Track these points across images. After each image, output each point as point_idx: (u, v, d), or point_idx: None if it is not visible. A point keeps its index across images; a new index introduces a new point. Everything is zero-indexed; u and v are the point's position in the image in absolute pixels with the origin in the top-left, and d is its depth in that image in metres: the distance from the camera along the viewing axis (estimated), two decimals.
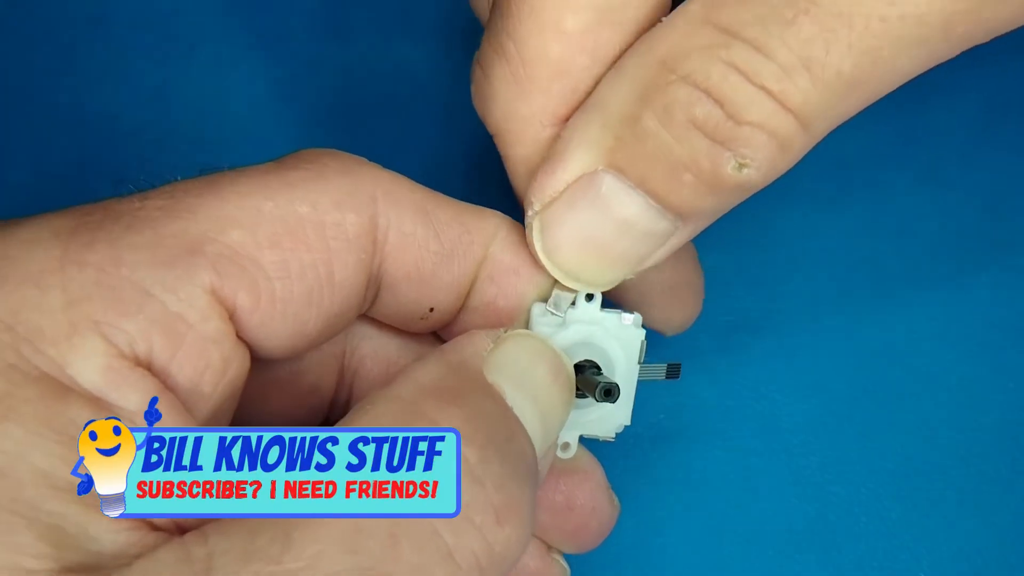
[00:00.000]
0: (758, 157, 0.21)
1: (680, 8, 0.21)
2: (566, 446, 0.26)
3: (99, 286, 0.19)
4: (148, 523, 0.18)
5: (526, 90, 0.22)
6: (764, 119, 0.21)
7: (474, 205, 0.25)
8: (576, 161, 0.22)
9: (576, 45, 0.21)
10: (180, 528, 0.19)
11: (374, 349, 0.27)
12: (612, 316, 0.25)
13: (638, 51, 0.22)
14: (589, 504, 0.27)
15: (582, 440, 0.26)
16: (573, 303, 0.24)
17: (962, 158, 0.35)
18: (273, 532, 0.18)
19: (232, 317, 0.21)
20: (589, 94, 0.22)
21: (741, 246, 0.34)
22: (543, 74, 0.22)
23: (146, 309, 0.19)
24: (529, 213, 0.23)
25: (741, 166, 0.21)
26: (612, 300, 0.26)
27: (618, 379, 0.25)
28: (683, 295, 0.29)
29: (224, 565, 0.17)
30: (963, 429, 0.33)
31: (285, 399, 0.26)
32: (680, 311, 0.29)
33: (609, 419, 0.26)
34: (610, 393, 0.23)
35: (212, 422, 0.21)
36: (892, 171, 0.35)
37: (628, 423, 0.26)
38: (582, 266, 0.24)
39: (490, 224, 0.25)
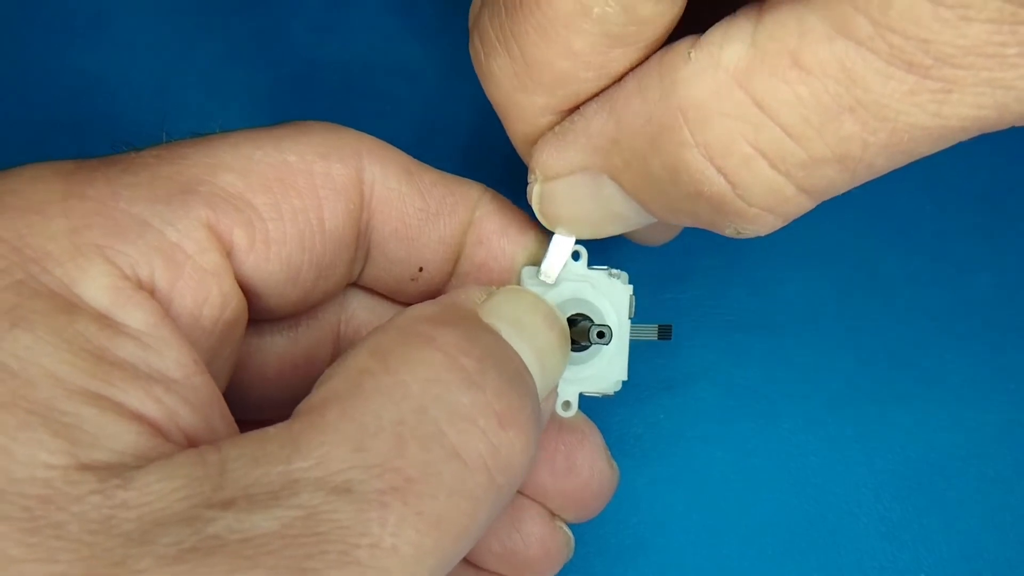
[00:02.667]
0: (761, 231, 0.21)
1: (712, 53, 0.20)
2: (567, 404, 0.26)
3: (100, 216, 0.20)
4: (162, 432, 0.19)
5: (528, 87, 0.22)
6: (777, 204, 0.20)
7: (456, 175, 0.26)
8: (583, 159, 0.22)
9: (583, 63, 0.21)
10: (191, 442, 0.19)
11: (369, 320, 0.27)
12: (600, 273, 0.26)
13: (661, 81, 0.20)
14: (588, 464, 0.27)
15: (582, 407, 0.27)
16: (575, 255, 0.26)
17: (962, 158, 0.35)
18: (281, 439, 0.18)
19: (229, 256, 0.21)
20: (593, 96, 0.22)
21: (741, 246, 0.34)
22: (547, 80, 0.21)
23: (146, 237, 0.20)
24: (531, 177, 0.24)
25: (740, 232, 0.21)
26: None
27: None
28: (662, 234, 0.29)
29: (236, 468, 0.18)
30: (963, 429, 0.33)
31: (283, 369, 0.26)
32: (660, 236, 0.30)
33: (607, 374, 0.26)
34: (603, 335, 0.24)
35: (212, 364, 0.22)
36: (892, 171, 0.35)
37: (625, 378, 0.26)
38: (573, 228, 0.25)
39: (474, 190, 0.26)
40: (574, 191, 0.23)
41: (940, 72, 0.18)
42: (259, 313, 0.23)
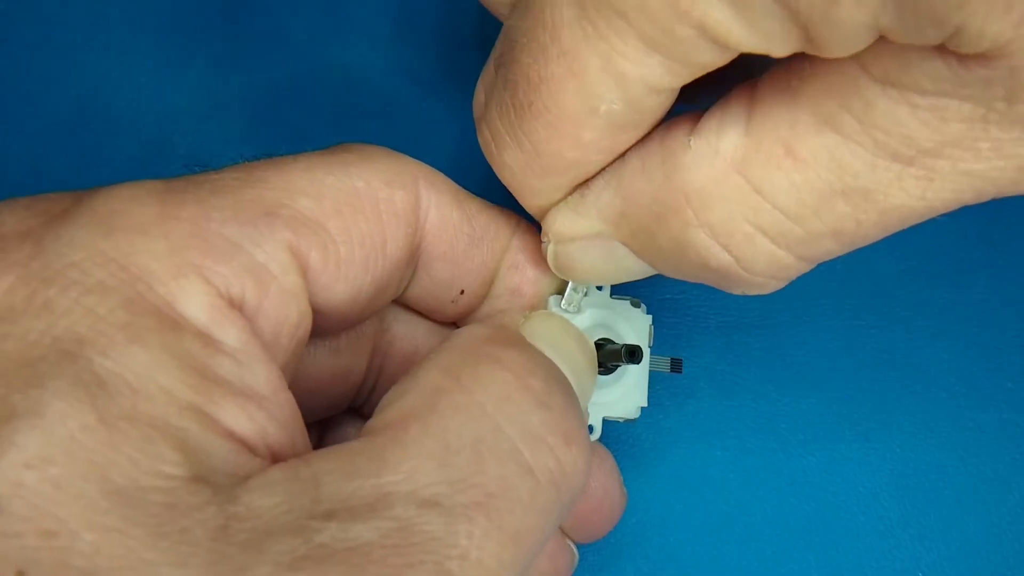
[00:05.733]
0: (765, 292, 0.23)
1: (710, 141, 0.21)
2: (591, 428, 0.27)
3: (196, 237, 0.20)
4: (251, 448, 0.19)
5: (539, 174, 0.23)
6: (779, 271, 0.22)
7: (494, 204, 0.27)
8: (594, 228, 0.24)
9: (592, 150, 0.22)
10: (275, 457, 0.20)
11: (404, 333, 0.28)
12: (622, 302, 0.27)
13: (663, 165, 0.21)
14: (601, 488, 0.28)
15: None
16: (586, 293, 0.27)
17: None
18: (369, 454, 0.19)
19: (305, 276, 0.22)
20: (601, 170, 0.23)
21: None
22: (557, 167, 0.22)
23: (238, 258, 0.21)
24: (544, 240, 0.25)
25: (746, 292, 0.23)
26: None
27: None
28: None
29: (331, 482, 0.18)
30: (962, 429, 0.33)
31: (321, 380, 0.27)
32: None
33: (628, 399, 0.27)
34: (634, 353, 0.26)
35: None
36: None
37: (645, 404, 0.28)
38: (587, 281, 0.26)
39: (511, 219, 0.27)
40: (587, 253, 0.24)
41: (923, 161, 0.19)
42: (315, 329, 0.24)
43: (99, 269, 0.19)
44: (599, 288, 0.27)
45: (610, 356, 0.26)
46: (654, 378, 0.28)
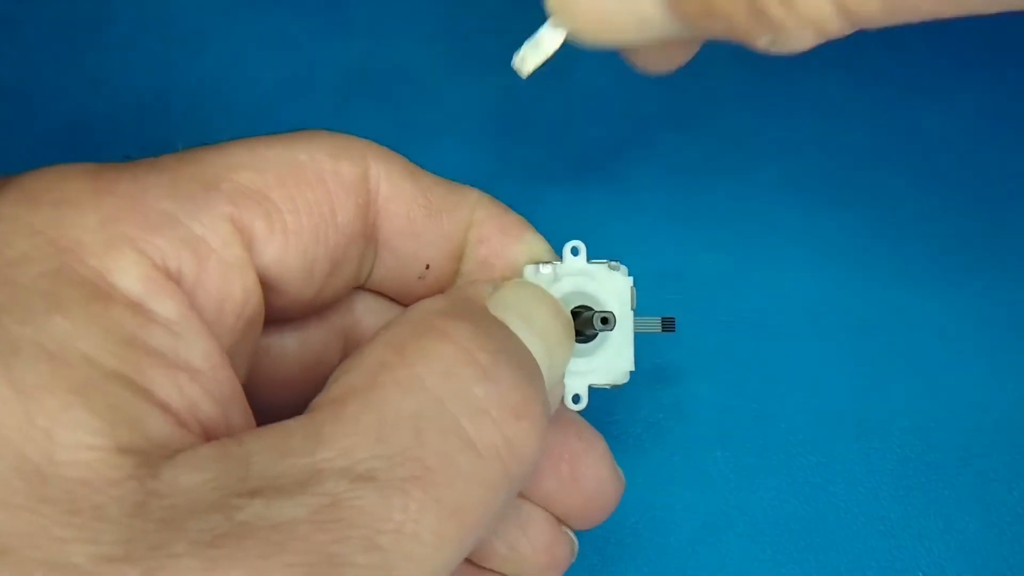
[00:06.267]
0: (795, 49, 0.21)
1: None
2: (577, 397, 0.26)
3: (130, 210, 0.20)
4: (181, 422, 0.19)
5: None
6: (816, 17, 0.20)
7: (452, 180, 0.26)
8: None
9: None
10: (207, 434, 0.19)
11: (376, 323, 0.28)
12: (600, 267, 0.26)
13: None
14: (593, 474, 0.27)
15: (586, 414, 0.27)
16: (560, 259, 0.26)
17: (961, 158, 0.35)
18: (304, 432, 0.19)
19: (250, 249, 0.22)
20: None
21: (741, 246, 0.34)
22: None
23: (175, 230, 0.20)
24: None
25: (774, 43, 0.21)
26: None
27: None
28: (674, 54, 0.28)
29: (260, 461, 0.18)
30: (962, 429, 0.33)
31: (292, 372, 0.27)
32: (664, 64, 0.28)
33: (614, 365, 0.26)
34: (607, 320, 0.25)
35: (231, 361, 0.22)
36: (891, 171, 0.35)
37: (632, 368, 0.27)
38: (590, 26, 0.23)
39: (472, 192, 0.26)
40: None
41: None
42: (275, 312, 0.24)
43: (23, 241, 0.19)
44: (575, 253, 0.26)
45: (585, 324, 0.25)
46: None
